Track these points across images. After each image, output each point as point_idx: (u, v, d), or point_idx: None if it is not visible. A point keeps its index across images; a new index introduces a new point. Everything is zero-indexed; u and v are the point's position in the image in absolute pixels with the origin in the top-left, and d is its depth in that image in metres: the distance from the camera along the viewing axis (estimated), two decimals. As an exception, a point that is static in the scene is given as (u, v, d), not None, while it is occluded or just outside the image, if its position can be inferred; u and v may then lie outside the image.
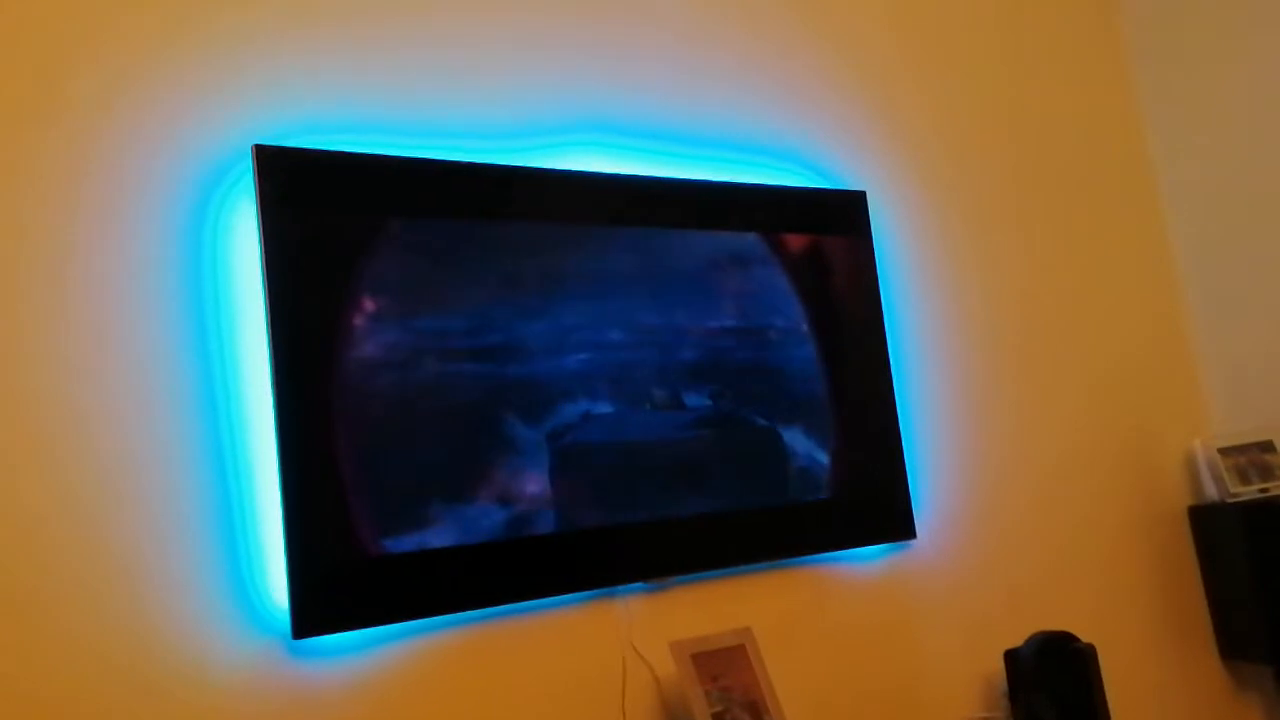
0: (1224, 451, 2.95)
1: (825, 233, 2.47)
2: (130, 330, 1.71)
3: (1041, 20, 3.16)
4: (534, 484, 1.97)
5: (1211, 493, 2.98)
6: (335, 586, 1.75)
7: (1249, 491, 2.89)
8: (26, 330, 1.63)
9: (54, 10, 1.73)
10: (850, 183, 2.60)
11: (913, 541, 2.48)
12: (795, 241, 2.41)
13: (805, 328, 2.39)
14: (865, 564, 2.42)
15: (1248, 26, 3.05)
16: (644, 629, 2.07)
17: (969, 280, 2.77)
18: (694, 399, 2.20)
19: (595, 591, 2.04)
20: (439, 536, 1.85)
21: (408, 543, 1.82)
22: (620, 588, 2.06)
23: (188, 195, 1.79)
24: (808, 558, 2.32)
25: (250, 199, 1.81)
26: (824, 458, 2.35)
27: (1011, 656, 2.41)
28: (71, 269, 1.67)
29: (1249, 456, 2.96)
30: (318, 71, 1.96)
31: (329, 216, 1.86)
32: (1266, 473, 2.93)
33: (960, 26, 2.95)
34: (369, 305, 1.86)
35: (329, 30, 1.99)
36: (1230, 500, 2.89)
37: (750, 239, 2.34)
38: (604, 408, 2.08)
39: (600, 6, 2.34)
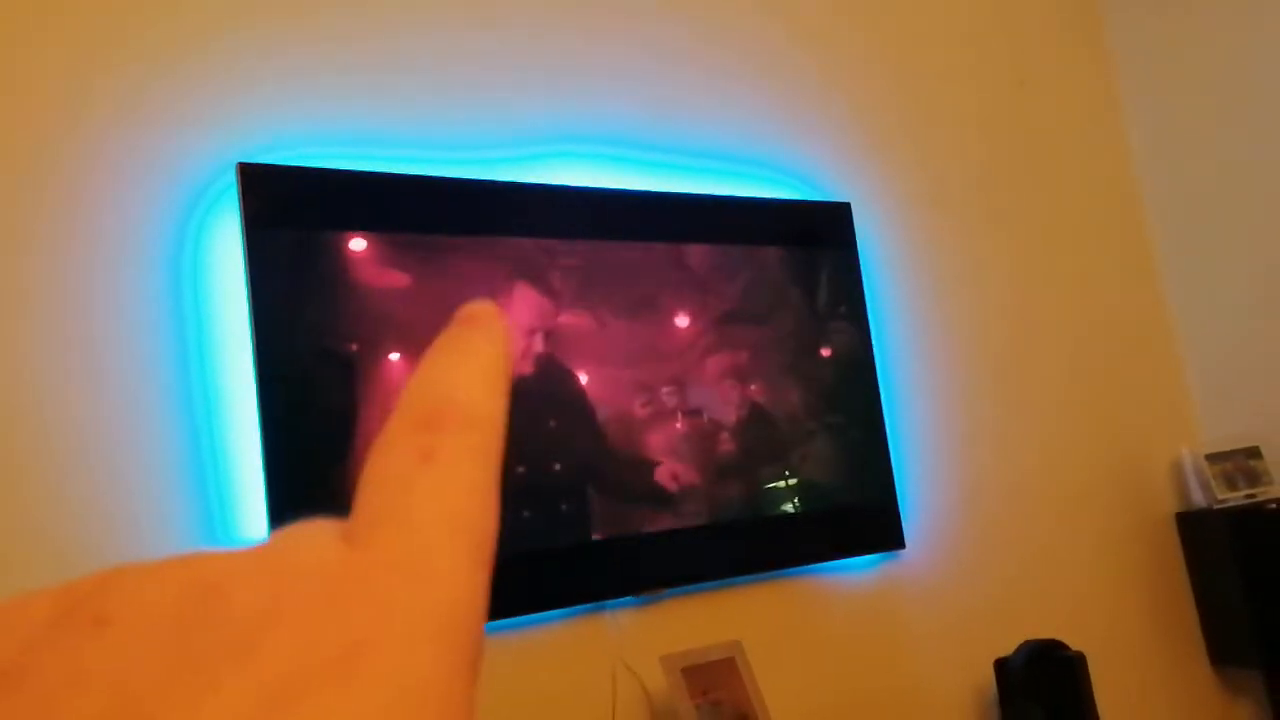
0: (1211, 458, 2.96)
1: (810, 244, 2.47)
2: (115, 347, 1.70)
3: (1024, 32, 3.18)
4: (521, 497, 1.97)
5: (1199, 499, 2.99)
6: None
7: (1236, 497, 2.90)
8: (12, 349, 1.62)
9: (39, 33, 1.73)
10: (835, 194, 2.60)
11: (901, 551, 2.48)
12: (781, 253, 2.42)
13: (790, 339, 2.39)
14: (855, 574, 2.42)
15: (1233, 37, 3.07)
16: (634, 643, 2.07)
17: (954, 290, 2.78)
18: (682, 410, 2.20)
19: (585, 606, 2.03)
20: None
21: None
22: (610, 602, 2.06)
23: (172, 213, 1.79)
24: (797, 569, 2.32)
25: (234, 216, 1.80)
26: (811, 468, 2.35)
27: (1001, 665, 2.42)
28: (56, 288, 1.67)
29: (1235, 463, 2.97)
30: (301, 90, 1.96)
31: (313, 233, 1.86)
32: (1253, 479, 2.95)
33: (943, 39, 2.97)
34: (353, 320, 1.86)
35: (312, 49, 1.99)
36: (1217, 506, 2.90)
37: (736, 250, 2.35)
38: (592, 420, 2.08)
39: (586, 22, 2.35)
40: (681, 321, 2.24)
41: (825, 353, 2.43)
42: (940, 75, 2.92)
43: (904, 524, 2.48)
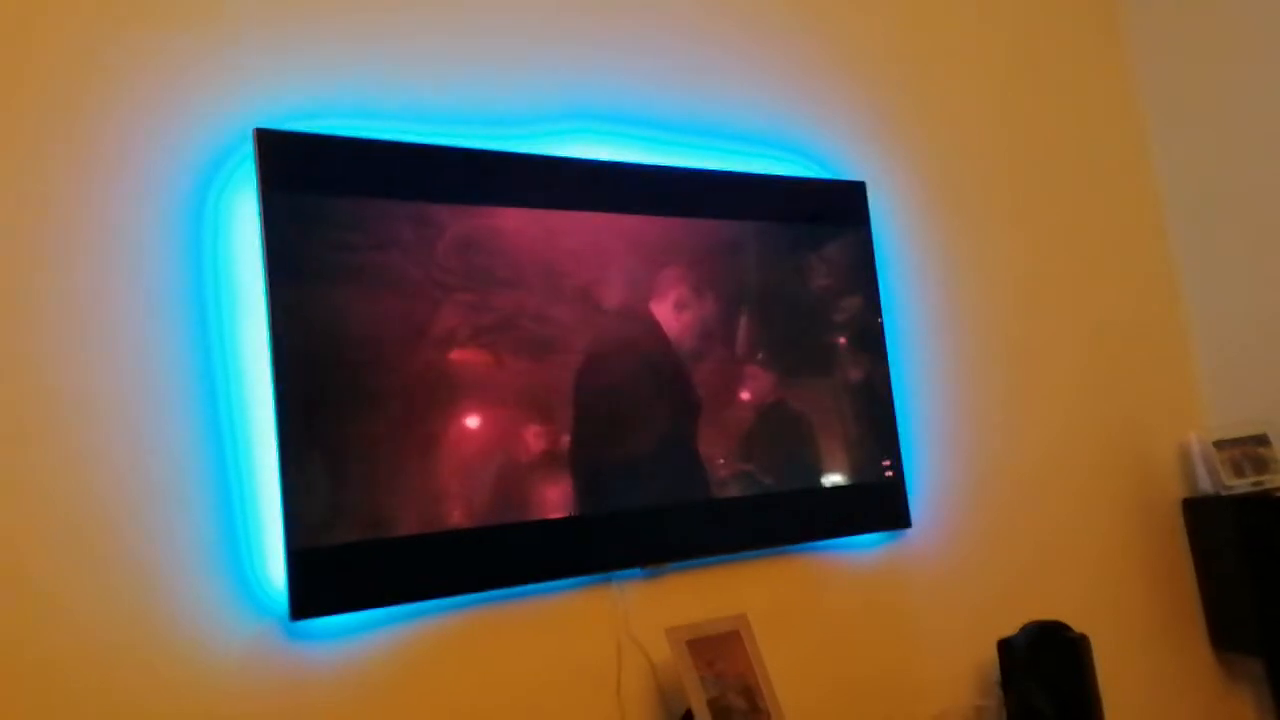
0: (1219, 444, 2.96)
1: (824, 223, 2.47)
2: (131, 314, 1.71)
3: (1040, 12, 3.16)
4: (532, 469, 1.98)
5: (1205, 485, 2.99)
6: (333, 569, 1.75)
7: (1243, 484, 2.91)
8: (30, 315, 1.63)
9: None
10: (849, 173, 2.60)
11: (907, 530, 2.49)
12: (794, 231, 2.42)
13: (802, 317, 2.39)
14: (860, 552, 2.42)
15: (1252, 29, 3.05)
16: (640, 615, 2.08)
17: (966, 271, 2.78)
18: (692, 387, 2.20)
19: (592, 577, 2.05)
20: (438, 519, 1.86)
21: (406, 525, 1.83)
22: (616, 573, 2.07)
23: (189, 179, 1.79)
24: (803, 545, 2.33)
25: (251, 182, 1.81)
26: (819, 445, 2.36)
27: (1005, 645, 2.42)
28: (72, 254, 1.68)
29: (1243, 449, 2.97)
30: (319, 56, 1.96)
31: (330, 200, 1.86)
32: (1260, 466, 2.94)
33: (959, 18, 2.95)
34: (369, 288, 1.86)
35: (330, 14, 1.99)
36: (1224, 493, 2.90)
37: (749, 228, 2.34)
38: (600, 393, 2.09)
39: (601, -6, 2.34)
40: (692, 298, 2.24)
41: (835, 331, 2.43)
42: (957, 57, 2.91)
43: (910, 503, 2.49)
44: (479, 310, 1.98)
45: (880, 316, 2.51)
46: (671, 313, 2.21)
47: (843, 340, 2.44)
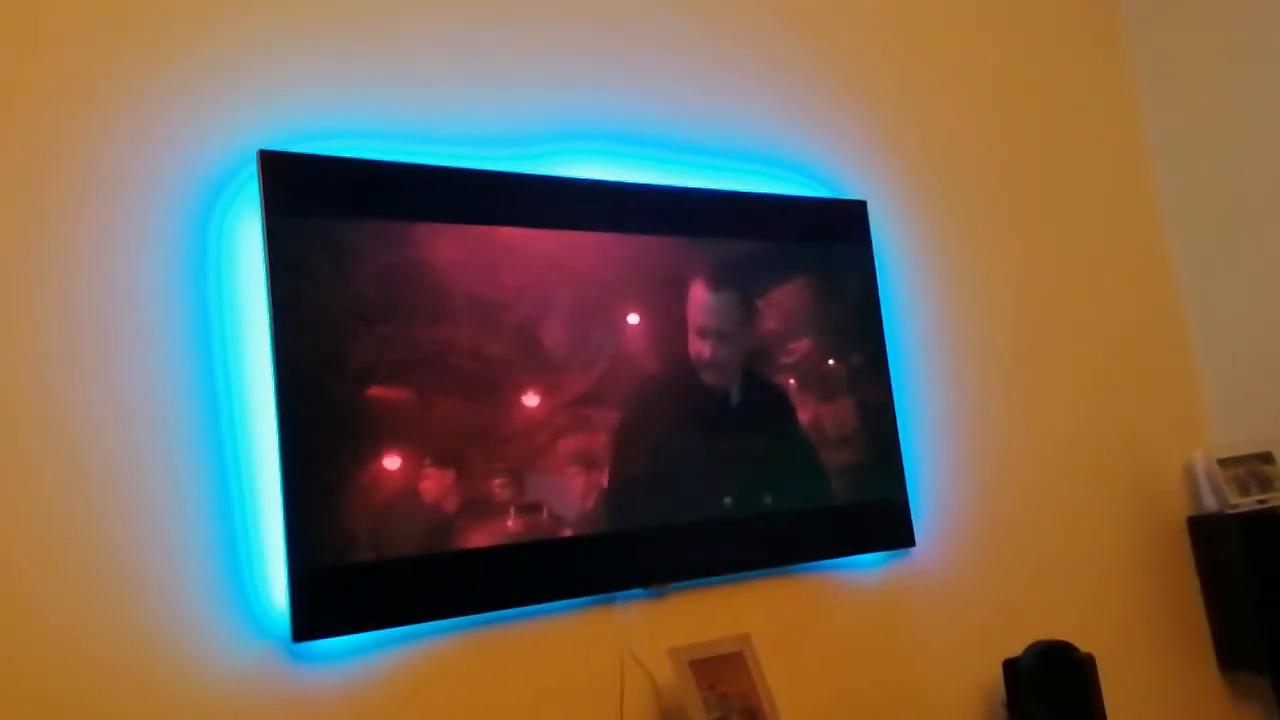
0: (1223, 463, 2.95)
1: (825, 241, 2.47)
2: (134, 334, 1.71)
3: (1041, 31, 3.18)
4: (534, 490, 1.98)
5: (1211, 504, 2.98)
6: (335, 590, 1.75)
7: (1248, 502, 2.90)
8: (31, 334, 1.63)
9: (60, 19, 1.74)
10: (851, 192, 2.61)
11: (911, 550, 2.48)
12: (796, 250, 2.42)
13: (804, 336, 2.39)
14: (864, 572, 2.42)
15: (1250, 42, 3.06)
16: (643, 635, 2.08)
17: (968, 289, 2.78)
18: (696, 406, 2.20)
19: (594, 598, 2.04)
20: (438, 541, 1.86)
21: (408, 546, 1.82)
22: (619, 594, 2.07)
23: (192, 200, 1.80)
24: (807, 565, 2.32)
25: (254, 204, 1.81)
26: (823, 465, 2.35)
27: (1010, 666, 2.41)
28: (76, 274, 1.68)
29: (1248, 467, 2.96)
30: (322, 77, 1.97)
31: (333, 221, 1.86)
32: (1265, 484, 2.94)
33: (960, 37, 2.97)
34: (372, 310, 1.87)
35: (334, 36, 2.00)
36: (1229, 511, 2.89)
37: (751, 247, 2.35)
38: (604, 414, 2.09)
39: (603, 16, 2.35)
40: (694, 319, 2.24)
41: (838, 350, 2.43)
42: (957, 74, 2.92)
43: (914, 522, 2.48)
44: (484, 336, 1.98)
45: (883, 334, 2.51)
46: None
47: (841, 360, 2.45)
